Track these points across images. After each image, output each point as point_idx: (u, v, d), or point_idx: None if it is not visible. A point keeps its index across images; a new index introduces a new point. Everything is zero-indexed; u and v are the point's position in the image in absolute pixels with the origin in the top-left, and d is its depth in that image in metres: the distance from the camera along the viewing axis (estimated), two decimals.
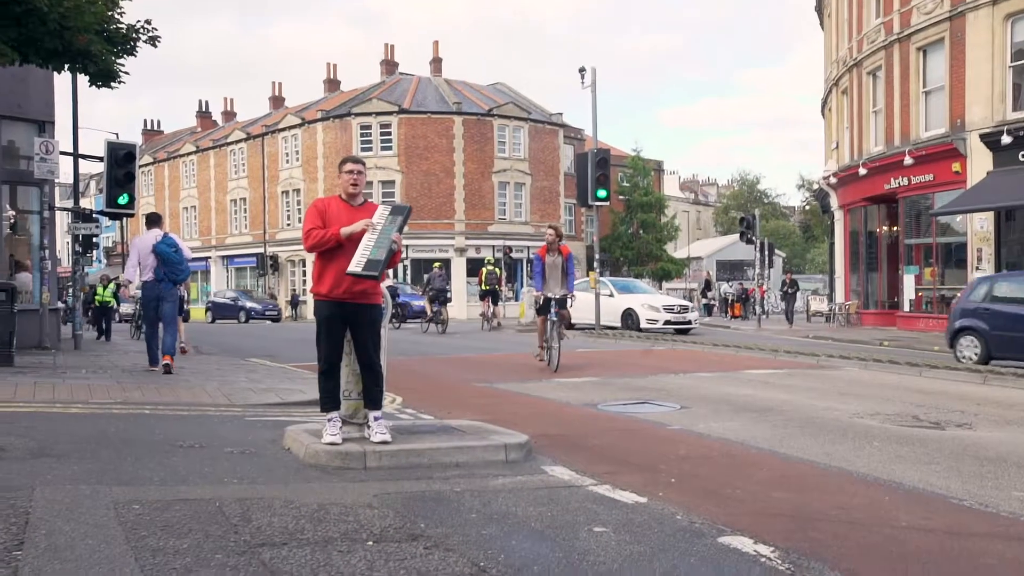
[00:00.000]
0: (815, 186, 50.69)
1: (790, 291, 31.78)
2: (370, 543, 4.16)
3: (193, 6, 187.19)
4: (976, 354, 14.66)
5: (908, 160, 23.41)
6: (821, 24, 34.50)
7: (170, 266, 11.56)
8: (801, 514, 4.99)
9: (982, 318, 14.81)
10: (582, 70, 26.00)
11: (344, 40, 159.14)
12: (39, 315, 15.55)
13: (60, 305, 18.08)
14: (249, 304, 41.37)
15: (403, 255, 7.04)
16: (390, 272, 7.05)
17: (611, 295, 24.78)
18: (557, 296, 13.02)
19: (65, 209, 21.43)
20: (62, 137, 16.69)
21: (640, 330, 23.26)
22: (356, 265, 6.04)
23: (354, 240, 6.11)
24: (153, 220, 12.20)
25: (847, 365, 14.55)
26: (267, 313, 40.78)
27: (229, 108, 65.09)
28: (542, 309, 13.25)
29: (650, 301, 24.79)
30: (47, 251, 16.21)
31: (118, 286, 21.07)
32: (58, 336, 16.74)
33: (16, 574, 3.53)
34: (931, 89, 23.65)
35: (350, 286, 6.18)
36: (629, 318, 24.12)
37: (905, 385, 11.75)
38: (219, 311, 41.72)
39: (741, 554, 4.17)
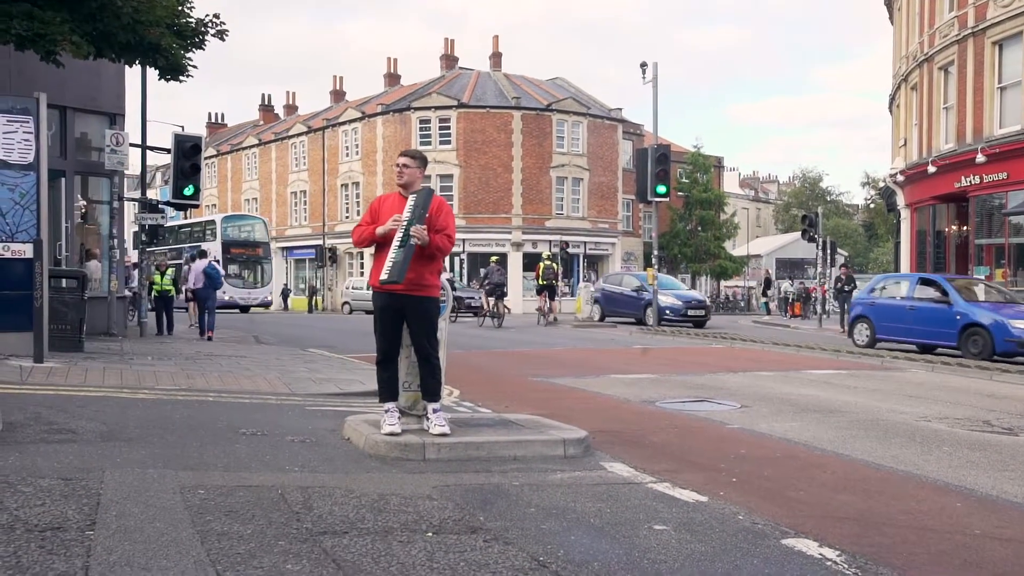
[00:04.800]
0: (881, 184, 49.52)
1: (846, 288, 27.00)
2: (430, 534, 4.17)
3: (269, 4, 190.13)
4: None
5: (980, 158, 22.71)
6: (891, 18, 33.65)
7: (212, 280, 18.65)
8: (867, 518, 4.86)
9: None
10: (643, 65, 25.79)
11: (420, 39, 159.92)
12: (107, 303, 15.99)
13: (127, 293, 18.57)
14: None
15: (455, 245, 6.93)
16: (446, 264, 7.01)
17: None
18: None
19: (133, 199, 21.97)
20: (130, 129, 17.13)
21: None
22: (385, 272, 6.03)
23: (390, 237, 6.12)
24: (203, 254, 20.54)
25: (913, 367, 14.20)
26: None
27: (291, 102, 66.01)
28: None
29: None
30: (116, 240, 16.64)
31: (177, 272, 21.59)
32: (125, 323, 17.18)
33: (89, 553, 3.61)
34: (1007, 84, 22.88)
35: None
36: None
37: (975, 389, 11.41)
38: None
39: (806, 557, 4.08)
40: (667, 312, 25.31)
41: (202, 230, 44.32)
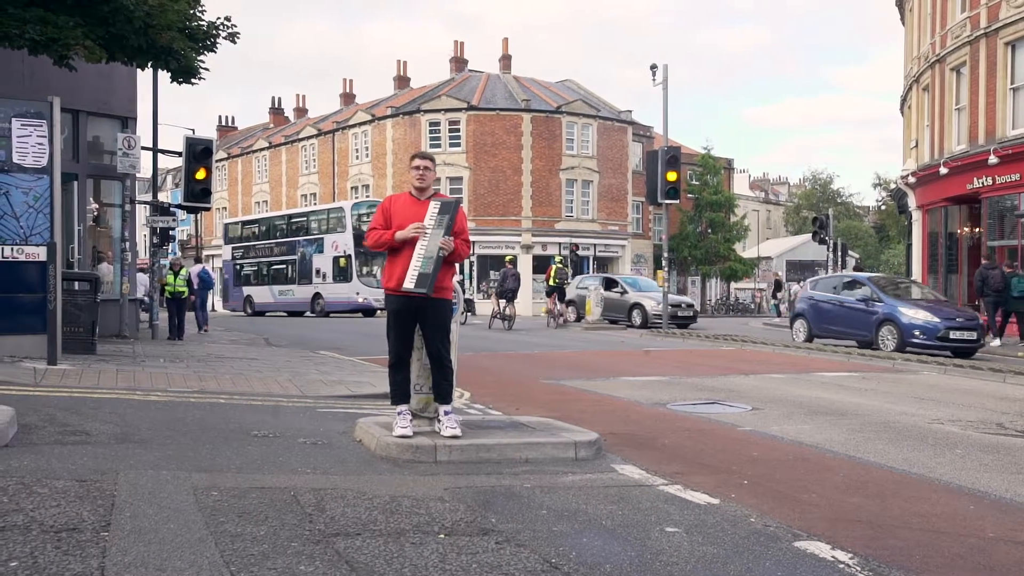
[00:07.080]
0: (892, 186, 49.33)
1: None
2: (442, 536, 4.18)
3: (281, 7, 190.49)
4: None
5: (993, 159, 22.60)
6: (902, 19, 33.54)
7: (204, 282, 21.54)
8: (880, 521, 4.85)
9: None
10: (653, 67, 25.78)
11: (437, 41, 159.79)
12: (119, 305, 16.07)
13: (141, 296, 18.70)
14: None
15: (470, 252, 7.02)
16: (457, 267, 7.04)
17: None
18: None
19: (144, 202, 22.05)
20: (142, 133, 17.21)
21: None
22: (409, 280, 6.10)
23: (410, 242, 6.16)
24: (198, 260, 24.15)
25: (924, 369, 14.14)
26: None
27: (301, 105, 66.24)
28: None
29: None
30: (127, 243, 16.73)
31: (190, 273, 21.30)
32: (136, 325, 17.26)
33: (104, 554, 3.64)
34: (1019, 85, 22.77)
35: None
36: None
37: (987, 391, 11.35)
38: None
39: (818, 559, 4.07)
40: (916, 333, 17.42)
41: (325, 220, 37.52)
